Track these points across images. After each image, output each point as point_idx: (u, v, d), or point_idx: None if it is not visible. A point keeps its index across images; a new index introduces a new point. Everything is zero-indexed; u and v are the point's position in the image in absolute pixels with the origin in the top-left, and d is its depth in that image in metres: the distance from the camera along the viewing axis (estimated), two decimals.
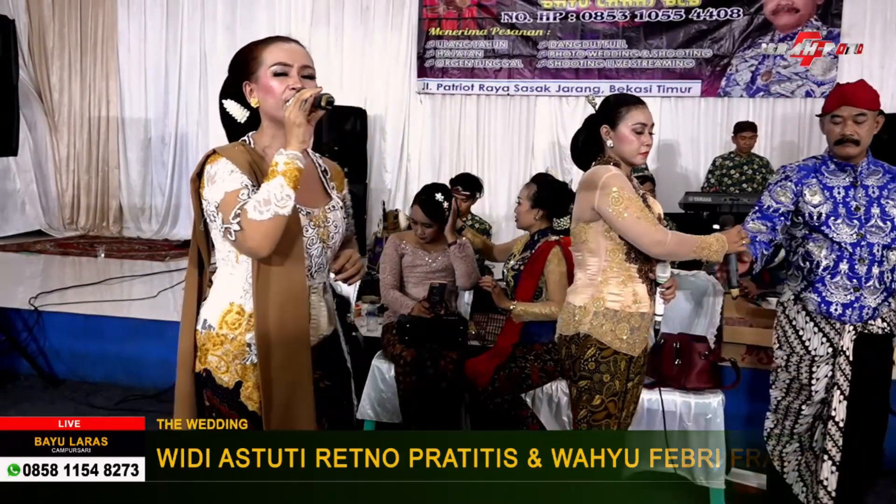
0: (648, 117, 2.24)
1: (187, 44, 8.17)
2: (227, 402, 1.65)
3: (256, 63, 1.65)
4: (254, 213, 1.49)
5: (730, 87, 7.03)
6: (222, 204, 1.55)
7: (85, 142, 8.43)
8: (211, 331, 1.65)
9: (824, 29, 6.79)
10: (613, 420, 2.26)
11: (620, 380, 2.25)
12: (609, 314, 2.22)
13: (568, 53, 7.35)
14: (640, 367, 2.33)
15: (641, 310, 2.25)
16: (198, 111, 8.21)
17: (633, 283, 2.24)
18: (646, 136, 2.22)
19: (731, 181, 6.13)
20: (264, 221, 1.49)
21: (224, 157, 1.60)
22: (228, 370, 1.64)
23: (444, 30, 7.57)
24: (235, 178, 1.57)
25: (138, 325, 4.29)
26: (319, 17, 7.83)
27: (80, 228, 8.32)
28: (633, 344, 2.25)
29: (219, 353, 1.64)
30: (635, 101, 2.26)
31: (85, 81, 8.38)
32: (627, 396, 2.29)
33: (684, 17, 7.05)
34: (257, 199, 1.50)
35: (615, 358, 2.24)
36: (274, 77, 1.62)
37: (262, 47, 1.66)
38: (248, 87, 1.67)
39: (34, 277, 5.68)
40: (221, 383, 1.64)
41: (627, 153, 2.24)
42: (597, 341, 2.23)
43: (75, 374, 4.18)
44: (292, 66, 1.63)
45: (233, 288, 1.65)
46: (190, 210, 6.53)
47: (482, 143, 7.61)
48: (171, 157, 8.29)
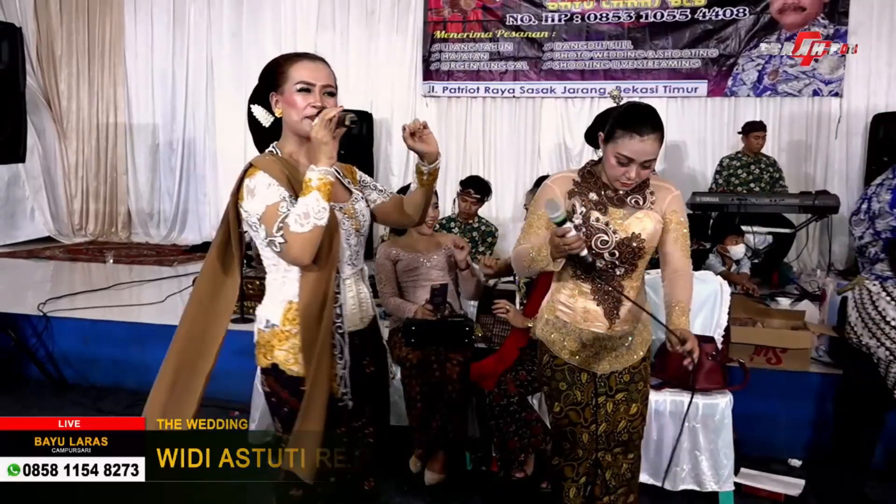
0: (644, 152, 1.95)
1: (194, 49, 8.21)
2: (288, 390, 1.79)
3: (283, 77, 1.78)
4: (295, 226, 1.63)
5: (736, 86, 7.00)
6: (264, 217, 1.68)
7: (93, 148, 8.48)
8: (275, 328, 1.79)
9: (831, 27, 6.76)
10: (579, 428, 2.16)
11: (583, 391, 2.16)
12: (559, 324, 2.16)
13: (573, 55, 7.34)
14: (626, 384, 2.18)
15: (594, 329, 2.11)
16: (205, 116, 8.25)
17: (585, 299, 2.11)
18: (631, 169, 1.97)
19: (739, 181, 6.10)
20: (305, 233, 1.63)
21: (261, 171, 1.73)
22: (297, 361, 1.77)
23: (449, 33, 7.57)
24: (274, 191, 1.70)
25: (147, 329, 4.31)
26: (325, 21, 7.85)
27: (89, 234, 8.38)
28: (587, 359, 2.14)
29: (285, 347, 1.78)
30: (636, 128, 1.95)
31: (93, 88, 8.44)
32: (601, 411, 2.17)
33: (690, 17, 7.02)
34: (297, 212, 1.64)
35: (570, 367, 2.16)
36: (298, 93, 1.76)
37: (290, 63, 1.79)
38: (274, 97, 1.81)
39: (43, 283, 5.72)
40: (292, 374, 1.78)
41: (608, 175, 2.06)
42: (548, 349, 2.19)
43: (84, 378, 4.20)
44: (315, 85, 1.76)
45: (289, 287, 1.78)
46: (198, 215, 6.56)
47: (488, 145, 7.61)
48: (178, 162, 8.33)
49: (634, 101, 2.14)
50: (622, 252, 2.06)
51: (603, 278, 2.09)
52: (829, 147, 6.89)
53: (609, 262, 2.08)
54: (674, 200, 2.11)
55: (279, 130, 1.85)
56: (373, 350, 1.94)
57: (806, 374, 3.46)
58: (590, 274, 2.06)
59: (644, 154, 1.97)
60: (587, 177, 2.12)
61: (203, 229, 8.19)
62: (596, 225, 2.06)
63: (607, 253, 2.06)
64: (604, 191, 2.09)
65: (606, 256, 2.07)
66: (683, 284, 2.08)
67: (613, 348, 2.15)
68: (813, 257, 6.77)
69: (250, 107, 1.88)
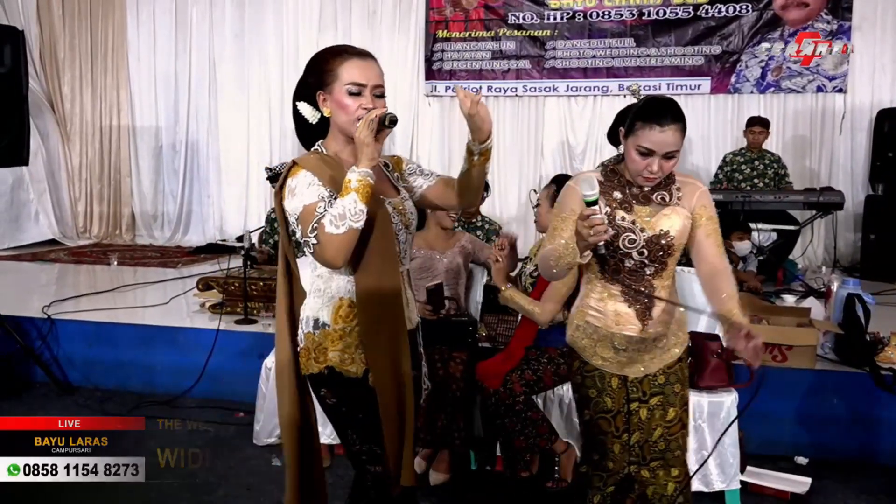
0: (665, 143, 1.91)
1: (196, 51, 8.22)
2: (349, 395, 1.72)
3: (332, 76, 1.71)
4: (330, 227, 1.57)
5: (740, 83, 6.98)
6: (301, 217, 1.63)
7: (97, 151, 8.50)
8: (326, 328, 1.72)
9: (834, 23, 6.73)
10: (610, 438, 2.08)
11: (613, 398, 2.08)
12: (589, 329, 2.09)
13: (576, 53, 7.33)
14: (661, 386, 2.09)
15: (627, 332, 2.03)
16: (208, 118, 8.26)
17: (615, 302, 2.04)
18: (653, 161, 1.92)
19: (742, 177, 6.08)
20: (339, 235, 1.57)
21: (304, 170, 1.67)
22: (354, 361, 1.71)
23: (451, 32, 7.56)
24: (313, 191, 1.64)
25: (151, 331, 4.31)
26: (327, 22, 7.85)
27: (93, 237, 8.39)
28: (621, 364, 2.08)
29: (339, 347, 1.70)
30: (658, 118, 1.91)
31: (96, 91, 8.45)
32: (633, 419, 2.09)
33: (692, 13, 7.00)
34: (333, 213, 1.58)
35: (601, 374, 2.09)
36: (348, 95, 1.70)
37: (340, 61, 1.71)
38: (322, 96, 1.74)
39: (48, 286, 5.74)
40: (349, 375, 1.71)
41: (630, 170, 2.01)
42: (579, 355, 2.14)
43: (89, 381, 4.20)
44: (366, 86, 1.71)
45: (339, 284, 1.72)
46: (202, 216, 6.58)
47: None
48: (182, 165, 8.34)
49: (655, 95, 2.08)
50: (651, 250, 2.00)
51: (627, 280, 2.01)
52: (834, 143, 6.87)
53: (638, 261, 2.01)
54: (702, 196, 2.05)
55: (326, 127, 1.79)
56: (413, 355, 1.84)
57: (812, 372, 3.45)
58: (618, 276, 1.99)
59: (665, 145, 1.92)
60: (610, 175, 2.06)
61: (207, 231, 8.21)
62: (622, 224, 1.99)
63: (636, 252, 1.99)
64: (628, 189, 2.03)
65: (635, 256, 2.00)
66: (726, 278, 1.98)
67: (647, 351, 2.07)
68: (818, 254, 6.75)
69: (296, 103, 1.81)
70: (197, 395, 3.98)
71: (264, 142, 8.10)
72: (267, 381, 3.36)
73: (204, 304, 4.58)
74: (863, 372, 3.38)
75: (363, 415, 1.72)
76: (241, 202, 8.20)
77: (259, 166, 7.65)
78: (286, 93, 7.96)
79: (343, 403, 1.74)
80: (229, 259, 4.90)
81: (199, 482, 3.10)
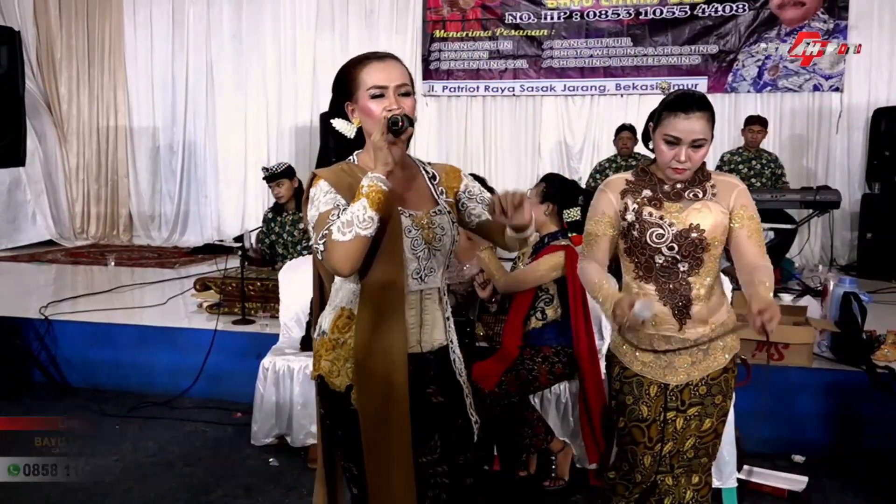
0: (691, 130, 1.89)
1: (193, 52, 8.22)
2: (334, 408, 1.67)
3: (355, 84, 1.67)
4: (337, 234, 1.52)
5: (737, 82, 6.99)
6: (315, 224, 1.59)
7: (94, 151, 8.50)
8: (324, 336, 1.70)
9: (831, 22, 6.74)
10: (641, 448, 2.04)
11: (650, 406, 2.04)
12: (629, 333, 2.05)
13: (573, 52, 7.34)
14: (701, 396, 2.03)
15: (665, 332, 2.00)
16: (205, 119, 8.26)
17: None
18: (681, 150, 1.91)
19: (740, 176, 6.06)
20: (345, 242, 1.52)
21: (322, 180, 1.65)
22: (340, 374, 1.66)
23: (448, 32, 7.57)
24: (329, 200, 1.61)
25: (149, 332, 4.31)
26: (324, 22, 7.86)
27: (91, 237, 8.39)
28: (661, 370, 2.03)
29: (330, 357, 1.67)
30: (684, 105, 1.91)
31: (93, 91, 8.45)
32: (668, 428, 2.04)
33: (689, 13, 7.02)
34: (341, 220, 1.53)
35: (639, 380, 2.05)
36: (371, 100, 1.65)
37: (360, 68, 1.68)
38: (350, 107, 1.70)
39: (45, 287, 5.73)
40: (333, 387, 1.67)
41: (660, 163, 2.00)
42: (619, 360, 2.11)
43: (87, 382, 4.20)
44: (388, 88, 1.65)
45: (345, 294, 1.69)
46: (200, 217, 6.57)
47: (489, 144, 7.60)
48: (179, 165, 8.35)
49: (683, 89, 2.10)
50: (681, 245, 1.97)
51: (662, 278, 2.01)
52: (830, 142, 6.88)
53: (669, 256, 1.98)
54: (741, 195, 2.01)
55: (361, 141, 1.72)
56: (439, 378, 1.74)
57: (808, 370, 3.45)
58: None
59: (691, 133, 1.90)
60: (641, 175, 2.06)
61: (205, 231, 8.21)
62: (649, 219, 1.99)
63: (665, 247, 1.98)
64: (659, 186, 2.02)
65: (665, 251, 1.98)
66: (768, 273, 1.95)
67: (689, 354, 2.02)
68: (815, 253, 6.76)
69: (330, 122, 1.75)
70: (195, 396, 3.98)
71: (262, 142, 8.10)
72: (264, 382, 3.36)
73: (201, 305, 4.58)
74: (859, 370, 3.39)
75: (342, 431, 1.68)
76: (238, 202, 8.20)
77: (256, 167, 7.64)
78: (284, 93, 7.98)
79: (328, 416, 1.72)
80: (227, 259, 4.89)
81: (197, 482, 3.10)
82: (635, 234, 2.00)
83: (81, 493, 2.98)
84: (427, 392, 1.70)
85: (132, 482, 3.09)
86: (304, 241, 4.68)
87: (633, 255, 2.03)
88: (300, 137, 8.00)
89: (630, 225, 2.00)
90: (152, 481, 3.11)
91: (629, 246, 2.03)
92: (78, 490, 3.00)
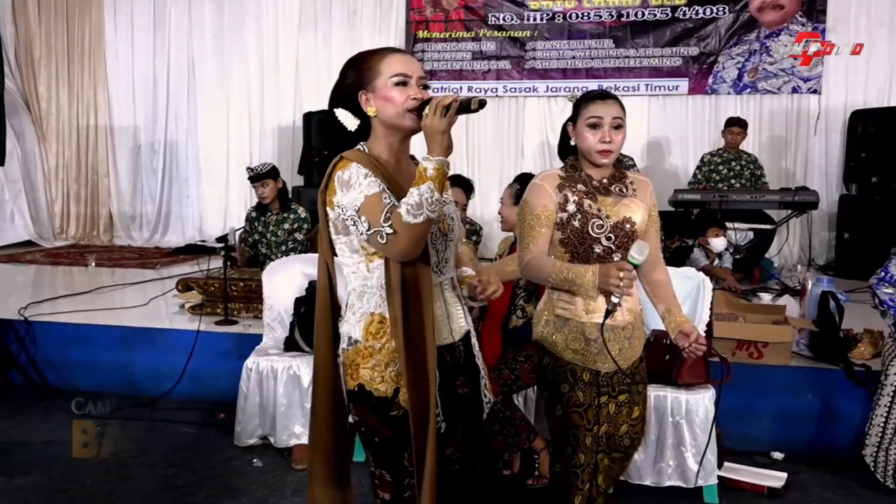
0: (610, 111, 2.07)
1: (175, 51, 8.17)
2: (377, 415, 1.65)
3: (373, 73, 1.67)
4: (407, 216, 1.50)
5: (717, 84, 7.07)
6: (365, 208, 1.55)
7: (74, 151, 8.41)
8: (358, 345, 1.66)
9: (809, 25, 6.84)
10: (582, 431, 2.12)
11: (585, 392, 2.12)
12: (559, 323, 2.14)
13: (556, 54, 7.38)
14: (628, 385, 2.17)
15: (597, 320, 2.07)
16: (187, 118, 8.21)
17: None
18: (605, 131, 2.06)
19: (720, 177, 6.16)
20: (418, 224, 1.51)
21: (356, 163, 1.61)
22: (384, 379, 1.64)
23: (431, 32, 7.58)
24: (372, 183, 1.58)
25: (131, 333, 4.28)
26: (307, 22, 7.84)
27: (71, 238, 8.30)
28: (592, 356, 2.11)
29: (370, 364, 1.65)
30: (598, 95, 2.12)
31: (73, 90, 8.37)
32: (603, 411, 2.14)
33: (671, 15, 7.08)
34: (410, 202, 1.51)
35: (573, 368, 2.13)
36: (394, 87, 1.64)
37: (380, 58, 1.68)
38: (365, 95, 1.68)
39: (24, 288, 5.67)
40: (379, 394, 1.64)
41: (585, 151, 2.13)
42: (549, 350, 2.17)
43: (68, 383, 4.15)
44: (412, 77, 1.66)
45: (369, 299, 1.67)
46: (182, 217, 6.49)
47: (472, 144, 7.62)
48: (161, 164, 8.29)
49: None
50: (617, 235, 2.10)
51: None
52: (809, 143, 6.97)
53: (606, 247, 2.11)
54: (653, 193, 2.23)
55: (359, 136, 1.73)
56: (466, 369, 1.78)
57: (787, 368, 3.50)
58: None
59: (610, 112, 2.08)
60: (571, 171, 2.17)
61: (186, 231, 8.16)
62: (590, 211, 2.10)
63: (604, 237, 2.10)
64: (590, 182, 2.15)
65: (603, 241, 2.10)
66: (668, 280, 2.21)
67: (617, 342, 2.13)
68: (794, 252, 6.85)
69: (333, 111, 1.73)
70: (178, 397, 3.96)
71: (244, 142, 8.07)
72: (248, 382, 3.36)
73: (184, 305, 4.56)
74: (837, 368, 3.44)
75: (378, 438, 1.67)
76: (221, 202, 8.16)
77: (239, 166, 7.63)
78: (266, 92, 7.95)
79: (363, 423, 1.70)
80: (209, 260, 4.87)
81: (181, 483, 3.09)
82: (576, 225, 2.09)
83: (62, 495, 2.96)
84: (455, 384, 1.73)
85: (115, 483, 3.08)
86: (288, 242, 4.67)
87: (570, 245, 2.11)
88: (283, 137, 7.97)
89: (571, 216, 2.10)
90: (135, 482, 3.09)
91: (567, 237, 2.11)
92: (59, 492, 2.98)
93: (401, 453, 1.66)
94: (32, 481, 3.06)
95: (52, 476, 3.11)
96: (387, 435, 1.65)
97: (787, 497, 3.02)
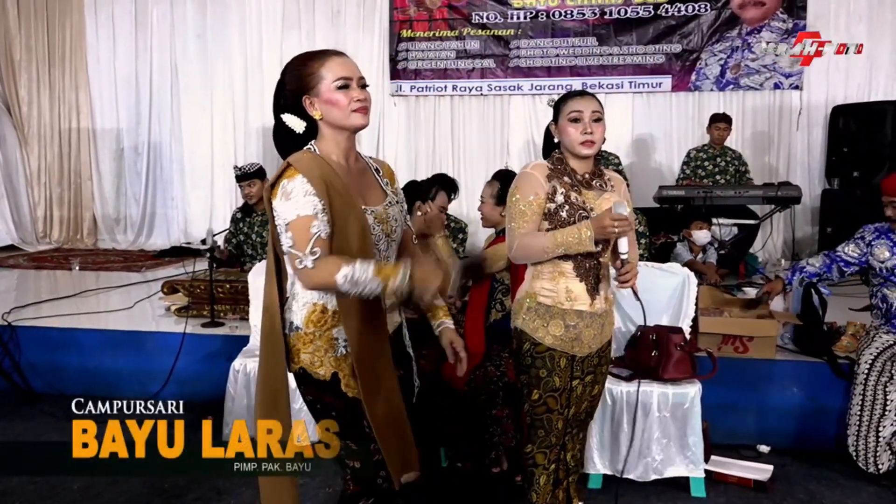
0: (589, 105, 2.18)
1: (157, 52, 8.10)
2: (329, 393, 1.77)
3: (315, 78, 1.75)
4: (340, 278, 1.60)
5: (700, 81, 7.11)
6: (293, 226, 1.65)
7: (56, 154, 8.33)
8: (299, 331, 1.78)
9: (790, 21, 6.89)
10: (556, 415, 2.24)
11: (561, 377, 2.22)
12: (541, 309, 2.22)
13: (539, 52, 7.40)
14: (594, 366, 2.31)
15: (578, 307, 2.20)
16: (170, 119, 8.15)
17: (567, 279, 2.20)
18: (585, 123, 2.16)
19: (706, 173, 6.19)
20: (337, 288, 1.62)
21: (301, 175, 1.68)
22: (323, 364, 1.76)
23: (415, 31, 7.57)
24: (309, 202, 1.66)
25: (116, 336, 4.25)
26: (291, 22, 7.81)
27: (54, 242, 8.22)
28: (570, 342, 2.21)
29: (310, 350, 1.77)
30: (577, 93, 2.25)
31: (54, 93, 8.28)
32: (573, 394, 2.26)
33: (653, 13, 7.12)
34: (352, 274, 1.59)
35: (552, 354, 2.21)
36: (338, 90, 1.74)
37: (320, 63, 1.75)
38: (309, 100, 1.76)
39: (7, 292, 5.61)
40: (318, 377, 1.77)
41: (569, 145, 2.20)
42: (530, 336, 2.24)
43: (53, 388, 4.12)
44: (353, 79, 1.75)
45: (311, 291, 1.76)
46: (167, 219, 6.43)
47: (457, 143, 7.63)
48: (144, 167, 8.22)
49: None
50: None
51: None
52: (791, 139, 7.03)
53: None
54: (626, 191, 2.36)
55: (307, 137, 1.80)
56: (398, 355, 1.91)
57: (772, 362, 3.53)
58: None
59: (589, 106, 2.18)
60: (557, 164, 2.25)
61: (171, 234, 8.10)
62: (576, 203, 2.18)
63: None
64: (574, 175, 2.23)
65: None
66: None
67: (593, 328, 2.24)
68: (777, 247, 6.90)
69: (280, 118, 1.80)
70: (164, 399, 3.93)
71: (229, 143, 8.02)
72: (235, 384, 3.35)
73: (170, 308, 4.53)
74: (821, 361, 3.48)
75: (335, 412, 1.78)
76: (206, 204, 8.11)
77: (224, 167, 7.59)
78: (250, 93, 7.90)
79: (318, 401, 1.81)
80: (195, 262, 4.84)
81: (168, 486, 3.08)
82: (564, 216, 2.16)
83: (50, 499, 2.94)
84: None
85: (102, 487, 3.05)
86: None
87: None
88: (267, 138, 7.91)
89: (559, 206, 2.17)
90: (123, 485, 3.07)
91: (554, 227, 2.17)
92: (46, 496, 2.96)
93: (359, 421, 1.77)
94: (18, 486, 3.04)
95: (38, 480, 3.08)
96: (341, 406, 1.77)
97: (774, 489, 3.05)
